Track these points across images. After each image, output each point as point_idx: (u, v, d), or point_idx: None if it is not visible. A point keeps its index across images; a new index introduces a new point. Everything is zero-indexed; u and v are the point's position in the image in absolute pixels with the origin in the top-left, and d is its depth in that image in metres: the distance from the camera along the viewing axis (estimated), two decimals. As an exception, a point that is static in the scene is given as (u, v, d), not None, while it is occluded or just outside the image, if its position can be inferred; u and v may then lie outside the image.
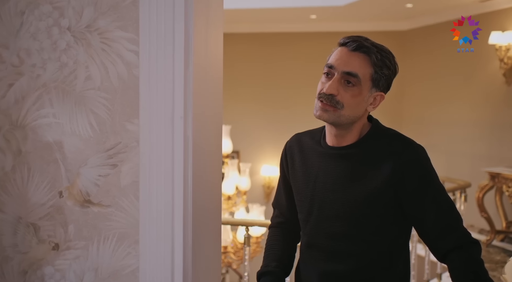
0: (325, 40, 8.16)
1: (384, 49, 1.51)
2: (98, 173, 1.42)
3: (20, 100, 1.45)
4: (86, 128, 1.42)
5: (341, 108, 1.44)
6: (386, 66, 1.48)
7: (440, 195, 1.47)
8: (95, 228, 1.43)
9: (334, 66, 1.47)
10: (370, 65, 1.46)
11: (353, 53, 1.46)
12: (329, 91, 1.44)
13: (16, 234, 1.47)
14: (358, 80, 1.44)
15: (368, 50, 1.46)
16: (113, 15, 1.39)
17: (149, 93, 1.36)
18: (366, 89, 1.46)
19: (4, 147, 1.47)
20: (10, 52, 1.45)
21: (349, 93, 1.45)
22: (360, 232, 1.49)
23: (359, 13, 7.28)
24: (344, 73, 1.44)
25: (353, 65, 1.45)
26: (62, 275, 1.46)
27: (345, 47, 1.48)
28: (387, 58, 1.49)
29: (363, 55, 1.46)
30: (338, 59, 1.47)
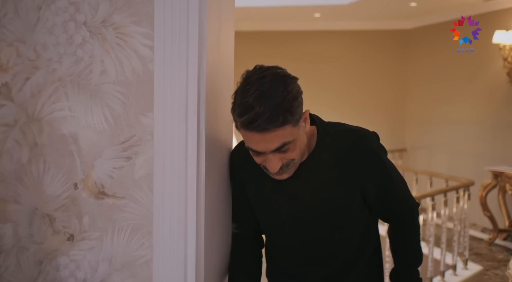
0: (329, 39, 8.20)
1: (284, 96, 1.30)
2: (112, 165, 1.45)
3: (36, 93, 1.48)
4: (101, 121, 1.45)
5: (293, 162, 1.39)
6: (296, 106, 1.33)
7: (395, 176, 1.53)
8: (110, 219, 1.46)
9: (261, 151, 1.34)
10: (287, 125, 1.31)
11: (264, 134, 1.30)
12: (277, 168, 1.37)
13: (32, 225, 1.50)
14: (289, 142, 1.33)
15: (276, 125, 1.29)
16: (128, 10, 1.42)
17: (164, 87, 1.39)
18: (296, 133, 1.35)
19: (20, 140, 1.50)
20: (26, 47, 1.47)
21: (289, 151, 1.35)
22: (334, 235, 1.52)
23: (362, 12, 7.31)
24: (273, 151, 1.34)
25: (274, 142, 1.32)
26: (76, 265, 1.49)
27: (252, 131, 1.31)
28: (292, 97, 1.32)
29: (275, 130, 1.29)
30: (255, 144, 1.33)
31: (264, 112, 1.27)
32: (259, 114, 1.27)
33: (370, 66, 7.97)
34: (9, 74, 1.48)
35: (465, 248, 5.00)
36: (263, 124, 1.28)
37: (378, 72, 7.97)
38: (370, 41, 7.97)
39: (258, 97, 1.28)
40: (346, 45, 8.04)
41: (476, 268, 5.00)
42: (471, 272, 4.89)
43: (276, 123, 1.29)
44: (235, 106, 1.33)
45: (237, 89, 1.35)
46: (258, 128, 1.29)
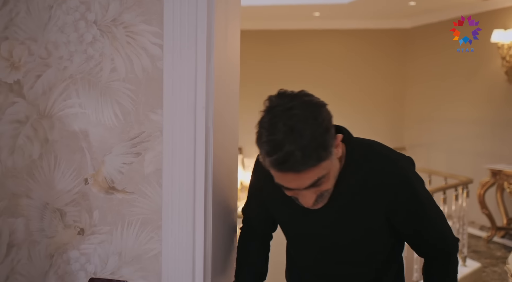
0: (328, 38, 8.24)
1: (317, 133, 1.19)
2: (122, 161, 1.49)
3: (48, 91, 1.51)
4: (111, 118, 1.49)
5: (327, 192, 1.31)
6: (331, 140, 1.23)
7: (429, 207, 1.43)
8: (119, 213, 1.50)
9: (293, 188, 1.26)
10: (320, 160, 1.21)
11: (297, 174, 1.20)
12: (311, 203, 1.29)
13: (43, 219, 1.54)
14: (323, 177, 1.25)
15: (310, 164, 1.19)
16: (138, 9, 1.45)
17: (173, 85, 1.43)
18: (330, 164, 1.26)
19: (31, 136, 1.53)
20: (38, 45, 1.51)
21: (324, 183, 1.27)
22: (356, 258, 1.46)
23: (362, 11, 7.34)
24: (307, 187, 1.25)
25: (309, 180, 1.23)
26: (87, 258, 1.52)
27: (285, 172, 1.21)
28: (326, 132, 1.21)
29: (309, 169, 1.20)
30: (289, 183, 1.24)
31: (296, 152, 1.16)
32: (290, 154, 1.16)
33: (369, 64, 8.00)
34: (21, 71, 1.52)
35: (463, 246, 5.05)
36: (296, 165, 1.17)
37: (377, 71, 8.00)
38: (370, 40, 8.00)
39: (287, 134, 1.17)
40: (346, 44, 8.08)
41: (475, 265, 5.05)
42: (470, 269, 4.93)
43: (310, 163, 1.18)
44: (262, 142, 1.21)
45: (262, 120, 1.23)
46: (290, 170, 1.19)
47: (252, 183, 1.54)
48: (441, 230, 1.44)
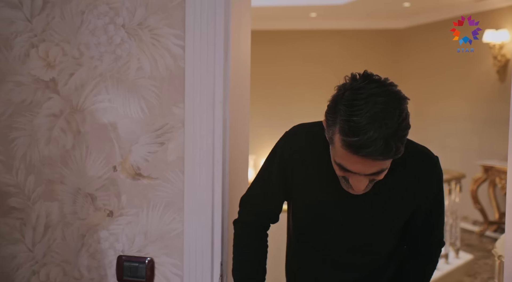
0: (325, 38, 8.42)
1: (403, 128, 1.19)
2: (147, 150, 1.66)
3: (80, 87, 1.68)
4: (138, 112, 1.66)
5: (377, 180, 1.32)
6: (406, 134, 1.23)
7: (443, 208, 1.52)
8: (145, 197, 1.67)
9: (355, 172, 1.25)
10: (397, 154, 1.21)
11: (371, 161, 1.20)
12: (363, 191, 1.31)
13: (76, 203, 1.71)
14: (385, 169, 1.26)
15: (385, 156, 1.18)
16: (162, 14, 1.62)
17: (193, 81, 1.60)
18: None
19: (65, 128, 1.70)
20: (71, 46, 1.68)
21: (382, 174, 1.28)
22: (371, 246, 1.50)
23: (358, 12, 7.52)
24: (368, 174, 1.26)
25: (375, 167, 1.23)
26: (115, 238, 1.69)
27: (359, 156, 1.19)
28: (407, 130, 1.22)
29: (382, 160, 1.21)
30: (353, 165, 1.23)
31: (379, 140, 1.14)
32: (373, 141, 1.14)
33: (364, 64, 8.12)
34: (56, 70, 1.69)
35: (456, 238, 5.24)
36: (375, 153, 1.16)
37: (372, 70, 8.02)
38: (365, 40, 8.18)
39: (373, 120, 1.15)
40: (341, 44, 8.25)
41: (467, 257, 5.25)
42: (462, 261, 5.13)
43: (389, 155, 1.17)
44: (341, 120, 1.19)
45: (343, 97, 1.22)
46: (367, 156, 1.17)
47: (274, 159, 1.48)
48: (442, 228, 1.55)
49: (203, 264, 1.62)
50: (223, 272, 1.64)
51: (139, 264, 1.67)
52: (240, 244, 1.54)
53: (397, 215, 1.45)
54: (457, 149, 7.08)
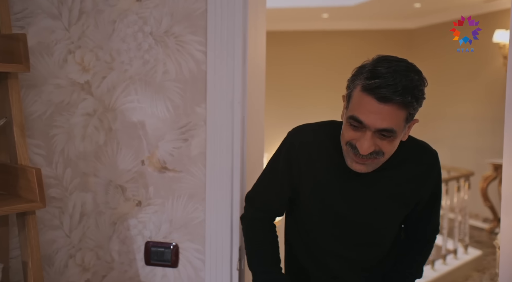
0: (336, 38, 8.56)
1: (415, 83, 1.28)
2: (172, 146, 1.83)
3: (111, 89, 1.86)
4: (164, 111, 1.83)
5: (382, 156, 1.34)
6: (420, 100, 1.31)
7: (440, 200, 1.59)
8: (170, 188, 1.84)
9: (365, 124, 1.29)
10: (404, 110, 1.28)
11: (384, 106, 1.26)
12: (367, 151, 1.31)
13: (107, 194, 1.89)
14: (394, 131, 1.30)
15: (400, 101, 1.25)
16: (186, 23, 1.79)
17: (214, 84, 1.77)
18: (401, 130, 1.32)
19: (98, 126, 1.88)
20: (104, 52, 1.85)
21: (386, 141, 1.32)
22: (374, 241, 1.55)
23: (369, 12, 7.65)
24: (377, 130, 1.30)
25: (386, 121, 1.27)
26: (143, 225, 1.87)
27: (373, 98, 1.26)
28: (420, 90, 1.30)
29: (395, 106, 1.26)
30: (366, 114, 1.28)
31: (397, 85, 1.23)
32: (392, 84, 1.23)
33: (376, 64, 8.30)
34: (90, 73, 1.86)
35: (465, 234, 5.36)
36: (390, 92, 1.23)
37: None
38: (376, 40, 8.30)
39: (394, 72, 1.25)
40: (353, 44, 8.37)
41: (476, 253, 5.36)
42: (471, 256, 5.24)
43: (402, 99, 1.24)
44: (364, 71, 1.30)
45: (367, 65, 1.33)
46: (382, 95, 1.24)
47: (279, 158, 1.53)
48: (439, 217, 1.62)
49: (223, 249, 1.79)
50: (241, 256, 1.80)
51: (165, 249, 1.84)
52: (251, 240, 1.60)
53: (400, 207, 1.50)
54: (467, 148, 7.18)
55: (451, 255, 5.12)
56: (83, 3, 1.83)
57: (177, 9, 1.78)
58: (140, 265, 1.87)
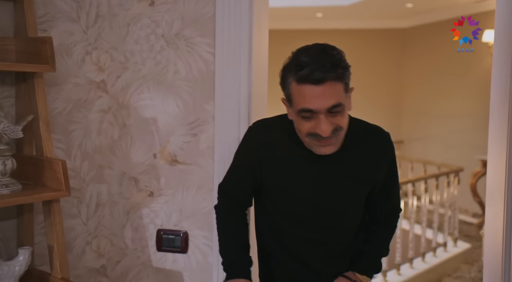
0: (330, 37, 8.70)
1: (338, 57, 1.40)
2: (182, 140, 1.97)
3: (125, 87, 2.00)
4: (174, 108, 1.97)
5: (341, 130, 1.44)
6: (347, 69, 1.42)
7: (398, 177, 1.66)
8: (180, 180, 1.98)
9: (313, 109, 1.39)
10: (341, 83, 1.40)
11: (323, 86, 1.36)
12: (328, 131, 1.40)
13: (122, 185, 2.02)
14: (341, 104, 1.40)
15: (334, 76, 1.37)
16: (195, 26, 1.93)
17: (222, 83, 1.91)
18: (345, 101, 1.43)
19: (113, 122, 2.01)
20: (118, 53, 1.99)
21: (339, 116, 1.41)
22: (343, 222, 1.61)
23: (362, 12, 7.80)
24: (327, 110, 1.39)
25: (331, 98, 1.38)
26: (155, 214, 2.01)
27: (310, 84, 1.37)
28: (344, 61, 1.42)
29: (332, 83, 1.37)
30: (311, 100, 1.38)
31: (324, 64, 1.35)
32: (320, 66, 1.34)
33: (368, 62, 8.46)
34: (105, 73, 2.00)
35: (455, 228, 5.54)
36: (323, 72, 1.34)
37: (376, 68, 8.46)
38: (369, 39, 8.46)
39: (316, 56, 1.37)
40: (346, 43, 8.49)
41: (465, 246, 5.55)
42: (460, 249, 5.43)
43: (334, 75, 1.35)
44: (292, 66, 1.40)
45: (287, 62, 1.45)
46: (317, 78, 1.34)
47: (242, 153, 1.65)
48: (399, 198, 1.70)
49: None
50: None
51: (175, 236, 1.99)
52: (220, 229, 1.69)
53: (360, 188, 1.58)
54: (458, 145, 7.35)
55: (441, 248, 5.30)
56: (100, 7, 1.97)
57: (188, 14, 1.92)
58: (152, 251, 2.01)
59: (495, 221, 1.71)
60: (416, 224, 5.21)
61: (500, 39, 1.67)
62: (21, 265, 1.58)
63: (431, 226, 5.43)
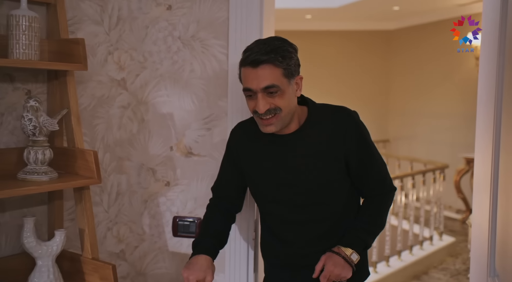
0: (319, 38, 8.91)
1: (277, 45, 1.57)
2: (197, 134, 2.14)
3: (144, 85, 2.16)
4: (190, 104, 2.13)
5: (280, 111, 1.58)
6: (288, 57, 1.57)
7: (375, 152, 1.71)
8: (195, 171, 2.15)
9: (252, 89, 1.57)
10: (277, 68, 1.55)
11: (258, 69, 1.54)
12: (264, 109, 1.56)
13: (140, 175, 2.19)
14: (276, 86, 1.55)
15: (267, 59, 1.54)
16: (210, 28, 2.10)
17: (234, 81, 2.07)
18: (286, 86, 1.57)
19: (132, 117, 2.17)
20: (137, 53, 2.15)
21: (277, 97, 1.56)
22: (319, 202, 1.68)
23: (351, 14, 8.02)
24: (263, 89, 1.55)
25: (264, 79, 1.54)
26: (171, 202, 2.17)
27: (248, 67, 1.56)
28: (285, 50, 1.57)
29: (267, 65, 1.54)
30: (250, 81, 1.56)
31: (261, 50, 1.54)
32: (257, 51, 1.55)
33: (356, 63, 8.67)
34: (125, 71, 2.16)
35: (440, 223, 5.77)
36: (258, 55, 1.53)
37: (363, 69, 8.67)
38: (357, 40, 8.68)
39: (259, 43, 1.58)
40: (335, 44, 8.73)
41: (450, 240, 5.78)
42: (445, 243, 5.66)
43: (266, 58, 1.53)
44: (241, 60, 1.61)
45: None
46: (252, 61, 1.54)
47: (225, 154, 1.84)
48: (383, 173, 1.74)
49: (241, 221, 2.10)
50: (256, 228, 2.12)
51: (190, 223, 2.15)
52: (203, 222, 1.82)
53: (328, 165, 1.65)
54: (442, 143, 7.59)
55: (428, 241, 5.53)
56: (121, 11, 2.13)
57: (203, 17, 2.09)
58: (168, 236, 2.18)
59: (482, 207, 1.89)
60: (404, 219, 5.43)
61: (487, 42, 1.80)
62: (57, 245, 1.73)
63: (417, 222, 5.66)
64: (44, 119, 1.68)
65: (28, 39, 1.63)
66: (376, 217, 1.74)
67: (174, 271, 2.18)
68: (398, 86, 8.54)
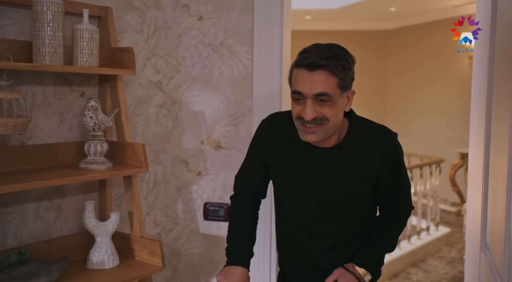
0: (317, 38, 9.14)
1: (338, 53, 1.48)
2: (225, 129, 2.42)
3: (178, 86, 2.44)
4: (219, 103, 2.41)
5: (327, 122, 1.48)
6: (347, 68, 1.49)
7: (405, 175, 1.68)
8: (223, 162, 2.43)
9: (302, 92, 1.47)
10: (334, 76, 1.46)
11: (314, 73, 1.45)
12: (311, 116, 1.46)
13: (174, 166, 2.47)
14: (329, 95, 1.46)
15: (326, 65, 1.44)
16: (236, 36, 2.38)
17: (258, 83, 2.36)
18: (338, 97, 1.48)
19: (167, 115, 2.45)
20: (172, 58, 2.43)
21: (327, 107, 1.47)
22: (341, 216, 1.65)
23: (349, 15, 8.27)
24: (314, 96, 1.46)
25: (319, 85, 1.45)
26: (202, 190, 2.46)
27: (304, 69, 1.47)
28: (345, 60, 1.48)
29: (324, 72, 1.45)
30: (302, 84, 1.47)
31: (321, 54, 1.45)
32: (316, 55, 1.45)
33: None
34: (161, 74, 2.44)
35: (436, 214, 6.08)
36: (316, 59, 1.44)
37: (361, 68, 8.68)
38: (355, 40, 8.89)
39: (318, 47, 1.49)
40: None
41: (446, 230, 6.09)
42: (441, 233, 5.97)
43: (326, 63, 1.43)
44: (297, 56, 1.52)
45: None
46: (310, 64, 1.44)
47: (253, 143, 1.76)
48: (408, 196, 1.73)
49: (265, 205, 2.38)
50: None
51: (219, 208, 2.43)
52: (232, 216, 1.78)
53: (357, 183, 1.60)
54: (438, 139, 7.84)
55: (425, 231, 5.84)
56: (157, 21, 2.41)
57: (230, 27, 2.37)
58: (199, 220, 2.46)
59: (475, 193, 2.14)
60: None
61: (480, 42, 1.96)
62: (113, 224, 2.01)
63: (415, 213, 5.96)
64: (102, 117, 1.96)
65: (90, 49, 1.90)
66: (393, 238, 1.74)
67: (205, 251, 2.47)
68: (394, 84, 8.79)
